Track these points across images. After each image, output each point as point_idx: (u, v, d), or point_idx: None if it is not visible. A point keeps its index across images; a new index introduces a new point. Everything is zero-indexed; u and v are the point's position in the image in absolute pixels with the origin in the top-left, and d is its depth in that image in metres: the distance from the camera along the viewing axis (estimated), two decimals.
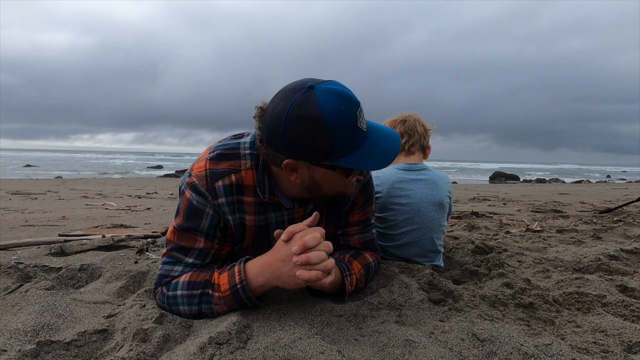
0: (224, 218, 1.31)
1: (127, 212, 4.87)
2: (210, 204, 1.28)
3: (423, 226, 1.92)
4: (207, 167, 1.30)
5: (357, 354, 1.05)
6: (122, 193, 8.40)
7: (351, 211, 1.51)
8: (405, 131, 2.01)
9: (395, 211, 1.92)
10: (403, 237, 1.93)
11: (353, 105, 1.11)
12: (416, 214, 1.91)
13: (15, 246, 2.28)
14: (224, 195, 1.28)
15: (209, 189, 1.28)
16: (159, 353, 1.05)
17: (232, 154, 1.32)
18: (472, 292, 1.51)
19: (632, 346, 1.15)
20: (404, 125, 2.02)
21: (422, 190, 1.93)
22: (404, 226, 1.92)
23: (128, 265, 1.85)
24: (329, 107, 1.07)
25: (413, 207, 1.91)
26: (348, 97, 1.11)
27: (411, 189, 1.93)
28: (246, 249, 1.39)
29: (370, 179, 1.54)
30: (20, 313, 1.25)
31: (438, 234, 1.96)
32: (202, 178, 1.29)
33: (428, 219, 1.92)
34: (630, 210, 4.52)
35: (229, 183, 1.28)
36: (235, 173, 1.29)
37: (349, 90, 1.14)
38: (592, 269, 2.02)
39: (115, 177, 17.83)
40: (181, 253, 1.30)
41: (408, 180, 1.94)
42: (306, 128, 1.08)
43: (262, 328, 1.15)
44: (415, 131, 2.01)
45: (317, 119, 1.07)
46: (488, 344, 1.11)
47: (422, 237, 1.92)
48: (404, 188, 1.93)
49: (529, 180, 22.49)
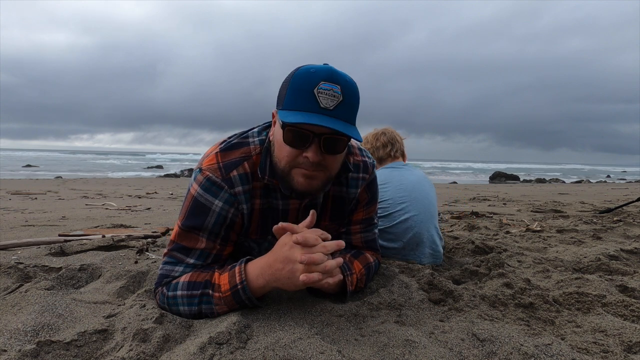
0: (233, 212, 1.30)
1: (127, 212, 4.87)
2: (225, 194, 1.28)
3: (420, 201, 2.07)
4: (219, 159, 1.31)
5: (357, 354, 1.05)
6: (122, 193, 8.40)
7: (355, 209, 1.52)
8: (388, 140, 2.33)
9: (390, 192, 2.09)
10: (403, 213, 2.04)
11: (323, 73, 1.15)
12: (412, 190, 2.09)
13: (15, 246, 2.28)
14: (240, 184, 1.30)
15: (225, 179, 1.28)
16: (159, 353, 1.05)
17: (242, 142, 1.36)
18: (472, 292, 1.51)
19: (632, 346, 1.15)
20: (386, 136, 2.33)
21: (412, 176, 2.18)
22: (402, 202, 2.06)
23: (128, 265, 1.85)
24: (306, 67, 1.19)
25: (407, 187, 2.10)
26: (325, 69, 1.17)
27: (402, 174, 2.17)
28: (251, 234, 1.39)
29: (375, 178, 1.55)
30: (20, 313, 1.25)
31: (434, 210, 2.13)
32: (215, 170, 1.29)
33: (424, 195, 2.10)
34: (630, 210, 4.52)
35: (243, 172, 1.30)
36: (247, 160, 1.32)
37: (336, 70, 1.18)
38: (592, 269, 2.02)
39: (115, 177, 17.84)
40: (182, 253, 1.30)
41: (397, 170, 2.21)
42: (286, 77, 1.23)
43: (262, 328, 1.15)
44: (395, 140, 2.34)
45: (293, 71, 1.22)
46: (488, 344, 1.11)
47: (421, 211, 2.05)
48: (395, 175, 2.16)
49: (529, 180, 22.49)
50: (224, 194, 1.28)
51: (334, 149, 1.21)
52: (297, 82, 1.16)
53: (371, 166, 1.52)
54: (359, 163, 1.48)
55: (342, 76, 1.17)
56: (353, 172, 1.46)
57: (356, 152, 1.50)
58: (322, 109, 1.14)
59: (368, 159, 1.52)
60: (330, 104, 1.14)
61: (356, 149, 1.51)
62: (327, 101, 1.14)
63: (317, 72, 1.16)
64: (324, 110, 1.14)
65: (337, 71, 1.18)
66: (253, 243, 1.41)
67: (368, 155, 1.53)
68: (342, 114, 1.16)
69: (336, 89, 1.14)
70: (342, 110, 1.16)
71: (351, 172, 1.45)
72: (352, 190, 1.47)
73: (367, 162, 1.50)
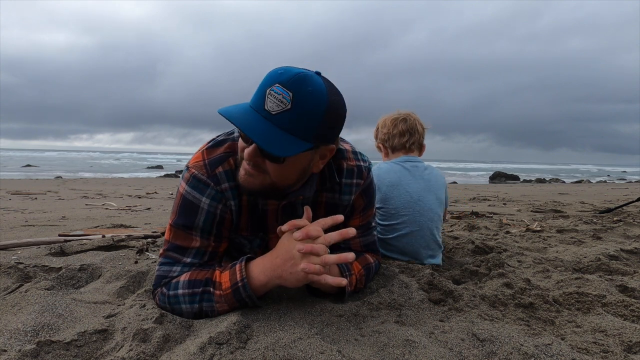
0: (222, 208, 1.30)
1: (127, 212, 4.87)
2: (211, 191, 1.28)
3: (422, 214, 1.97)
4: (205, 156, 1.32)
5: (357, 354, 1.05)
6: (122, 193, 8.40)
7: (351, 216, 1.49)
8: (407, 129, 2.09)
9: (396, 200, 1.98)
10: (404, 227, 1.97)
11: (285, 76, 1.09)
12: (416, 202, 1.98)
13: (15, 246, 2.28)
14: (226, 180, 1.29)
15: (211, 176, 1.28)
16: (159, 353, 1.05)
17: (227, 138, 1.35)
18: (472, 292, 1.51)
19: (632, 346, 1.15)
20: (406, 123, 2.09)
21: (420, 182, 2.02)
22: (404, 214, 1.97)
23: (128, 265, 1.85)
24: (283, 67, 1.13)
25: (412, 197, 1.98)
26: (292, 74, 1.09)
27: (411, 178, 2.01)
28: (241, 231, 1.38)
29: (371, 183, 1.51)
30: (20, 313, 1.25)
31: (436, 223, 2.02)
32: (201, 167, 1.29)
33: (427, 209, 1.98)
34: (630, 210, 4.52)
35: (228, 168, 1.30)
36: (232, 156, 1.31)
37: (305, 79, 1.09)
38: (592, 269, 2.02)
39: (115, 177, 17.83)
40: (178, 253, 1.30)
41: (407, 172, 2.04)
42: None
43: (262, 328, 1.15)
44: (415, 130, 2.10)
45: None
46: (488, 344, 1.11)
47: (422, 226, 1.97)
48: (404, 178, 2.01)
49: (529, 180, 22.49)
50: (211, 191, 1.28)
51: (266, 156, 1.15)
52: (264, 78, 1.13)
53: (366, 170, 1.46)
54: (353, 168, 1.43)
55: (305, 87, 1.08)
56: (346, 177, 1.42)
57: (350, 156, 1.44)
58: (262, 110, 1.10)
59: (363, 162, 1.46)
60: (273, 108, 1.08)
61: (350, 152, 1.45)
62: (272, 104, 1.08)
63: (282, 74, 1.10)
64: (263, 112, 1.09)
65: (305, 80, 1.09)
66: (244, 240, 1.40)
67: (364, 159, 1.48)
68: (284, 122, 1.09)
69: (287, 95, 1.07)
70: (285, 119, 1.08)
71: (344, 178, 1.41)
72: (345, 197, 1.43)
73: (361, 167, 1.45)
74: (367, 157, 1.52)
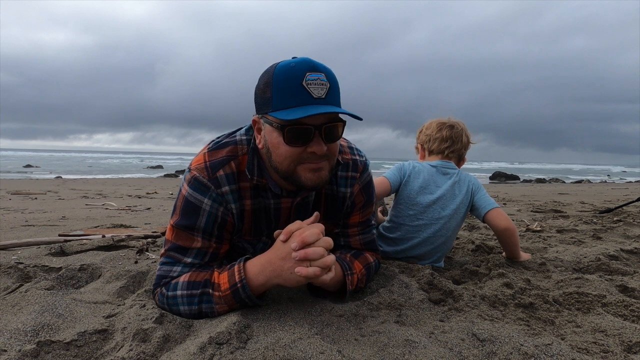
0: (223, 211, 1.30)
1: (127, 212, 4.87)
2: (212, 194, 1.28)
3: (442, 223, 1.94)
4: (206, 159, 1.32)
5: (357, 354, 1.05)
6: (122, 193, 8.40)
7: (351, 212, 1.50)
8: (450, 136, 2.04)
9: (420, 205, 1.95)
10: (421, 232, 1.94)
11: (305, 65, 1.14)
12: (434, 208, 1.94)
13: (15, 246, 2.28)
14: (227, 184, 1.29)
15: (211, 179, 1.28)
16: (159, 353, 1.05)
17: (229, 141, 1.35)
18: (472, 292, 1.51)
19: (632, 346, 1.15)
20: (452, 130, 2.05)
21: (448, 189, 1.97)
22: (421, 218, 1.94)
23: (128, 265, 1.85)
24: (282, 63, 1.17)
25: (437, 204, 1.94)
26: (305, 60, 1.16)
27: (439, 185, 1.98)
28: (245, 235, 1.39)
29: (370, 180, 1.53)
30: (20, 313, 1.25)
31: (451, 232, 1.98)
32: (202, 170, 1.29)
33: (447, 216, 1.95)
34: (630, 210, 4.52)
35: (230, 172, 1.30)
36: (234, 159, 1.31)
37: (314, 60, 1.17)
38: (592, 269, 2.02)
39: (115, 177, 17.83)
40: (179, 253, 1.30)
41: (439, 177, 2.00)
42: (262, 80, 1.21)
43: (262, 328, 1.15)
44: (460, 140, 2.06)
45: (269, 71, 1.19)
46: (488, 344, 1.11)
47: (437, 234, 1.94)
48: (435, 181, 1.98)
49: (529, 180, 22.49)
50: (212, 194, 1.28)
51: (334, 136, 1.21)
52: (280, 80, 1.15)
53: (362, 164, 1.48)
54: (348, 161, 1.45)
55: (320, 64, 1.17)
56: (341, 170, 1.44)
57: (346, 150, 1.47)
58: (316, 99, 1.14)
59: (359, 157, 1.49)
60: (322, 93, 1.14)
61: (346, 147, 1.48)
62: (318, 90, 1.14)
63: (298, 64, 1.15)
64: (318, 100, 1.14)
65: (314, 60, 1.17)
66: (247, 244, 1.40)
67: (360, 154, 1.50)
68: (332, 99, 1.17)
69: (322, 77, 1.15)
70: (332, 97, 1.17)
71: (339, 171, 1.43)
72: (341, 189, 1.45)
73: (357, 161, 1.47)
74: (363, 152, 1.53)
